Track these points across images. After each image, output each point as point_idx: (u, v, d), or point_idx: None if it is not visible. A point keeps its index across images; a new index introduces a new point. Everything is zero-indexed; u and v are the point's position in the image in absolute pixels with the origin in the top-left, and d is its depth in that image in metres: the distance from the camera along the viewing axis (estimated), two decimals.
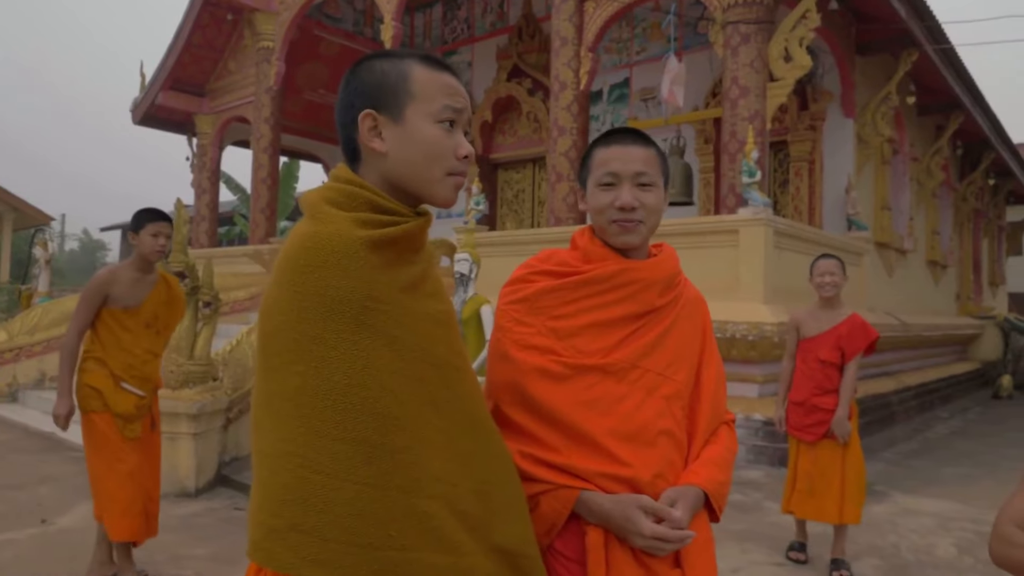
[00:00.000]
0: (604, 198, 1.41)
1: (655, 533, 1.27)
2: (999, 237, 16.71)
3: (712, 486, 1.38)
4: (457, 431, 1.10)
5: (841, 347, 3.69)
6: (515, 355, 1.38)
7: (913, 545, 4.07)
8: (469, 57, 12.03)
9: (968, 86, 10.32)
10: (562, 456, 1.33)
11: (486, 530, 1.09)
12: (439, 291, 1.18)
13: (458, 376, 1.13)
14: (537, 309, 1.41)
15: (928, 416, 8.87)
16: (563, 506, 1.31)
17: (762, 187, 6.71)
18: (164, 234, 3.24)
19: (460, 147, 1.17)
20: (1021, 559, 1.34)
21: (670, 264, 1.47)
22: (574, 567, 1.33)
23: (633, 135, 1.45)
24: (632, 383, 1.37)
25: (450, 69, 1.20)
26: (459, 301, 5.36)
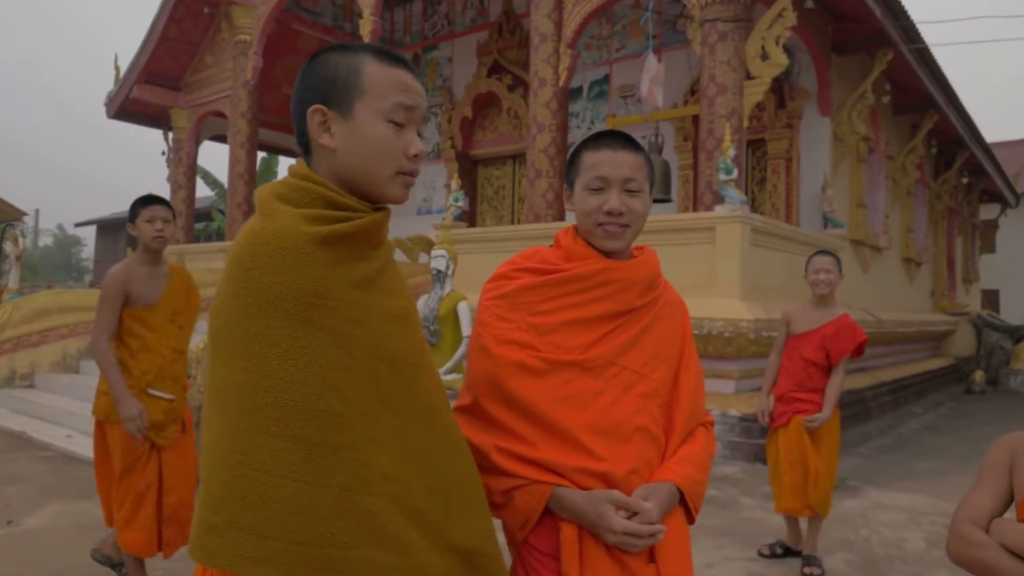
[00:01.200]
0: (592, 202, 1.43)
1: (626, 528, 1.28)
2: (973, 235, 16.96)
3: (687, 483, 1.40)
4: (412, 428, 1.09)
5: (825, 347, 3.68)
6: (494, 350, 1.39)
7: (884, 539, 4.12)
8: (449, 53, 11.98)
9: (942, 86, 10.44)
10: (538, 451, 1.34)
11: (441, 528, 1.09)
12: (398, 287, 1.17)
13: (415, 373, 1.12)
14: (518, 305, 1.43)
15: (902, 411, 8.99)
16: (537, 501, 1.33)
17: (739, 184, 6.75)
18: (160, 218, 3.03)
19: (411, 146, 1.15)
20: (979, 557, 1.36)
21: (650, 266, 1.50)
22: (549, 562, 1.34)
23: (622, 140, 1.47)
24: (609, 380, 1.39)
25: (406, 65, 1.18)
26: (436, 298, 5.34)
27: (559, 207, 7.82)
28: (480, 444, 1.36)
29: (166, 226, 3.06)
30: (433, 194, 12.08)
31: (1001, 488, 1.42)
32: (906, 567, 3.68)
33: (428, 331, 5.33)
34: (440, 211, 11.27)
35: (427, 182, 12.18)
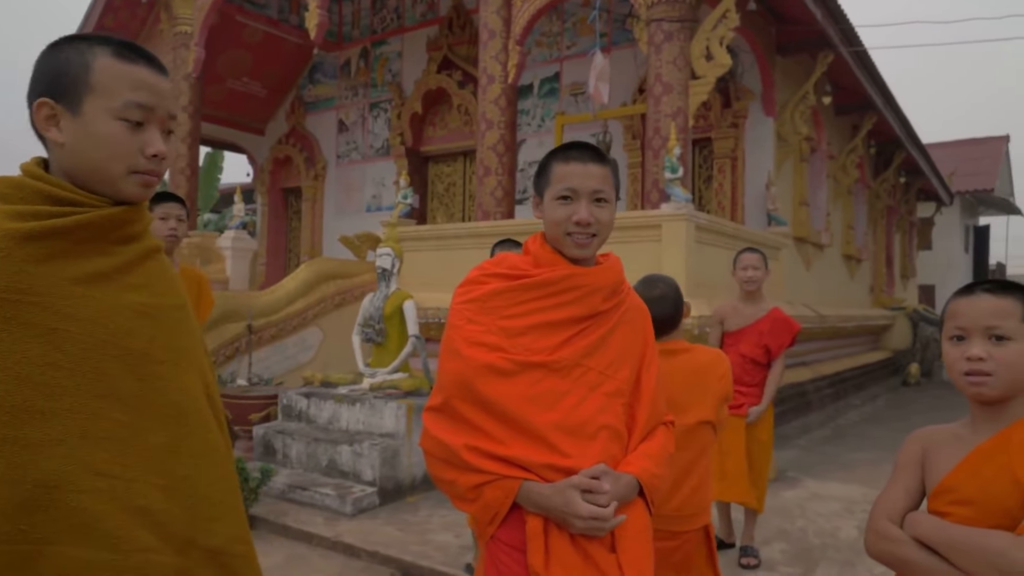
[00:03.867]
0: (562, 212, 1.51)
1: (592, 513, 1.35)
2: (910, 232, 17.57)
3: (645, 476, 1.48)
4: (148, 425, 1.07)
5: (764, 343, 3.76)
6: (465, 352, 1.47)
7: (819, 529, 4.23)
8: (399, 48, 11.85)
9: (880, 88, 10.78)
10: (506, 448, 1.41)
11: (180, 526, 1.08)
12: (151, 283, 1.15)
13: (160, 370, 1.11)
14: (488, 309, 1.50)
15: (841, 404, 9.27)
16: (506, 495, 1.40)
17: (685, 183, 6.85)
18: (174, 216, 2.95)
19: (149, 145, 1.12)
20: (895, 552, 1.39)
21: (614, 272, 1.59)
22: (516, 555, 1.41)
23: (591, 152, 1.55)
24: (575, 380, 1.47)
25: (148, 61, 1.14)
26: (381, 296, 5.28)
27: (508, 205, 7.82)
28: (451, 442, 1.43)
29: (180, 224, 2.99)
30: (382, 191, 11.95)
31: (914, 483, 1.46)
32: (839, 555, 3.79)
33: (373, 330, 5.26)
34: (390, 208, 11.14)
35: (376, 179, 12.05)
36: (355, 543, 3.90)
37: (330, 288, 8.09)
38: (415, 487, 4.84)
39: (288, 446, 5.12)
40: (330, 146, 12.74)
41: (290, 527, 4.19)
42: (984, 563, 1.25)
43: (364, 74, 12.31)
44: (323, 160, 12.77)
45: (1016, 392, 1.34)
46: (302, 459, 5.03)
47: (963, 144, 22.93)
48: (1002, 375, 1.31)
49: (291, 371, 7.44)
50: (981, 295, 1.36)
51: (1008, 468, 1.31)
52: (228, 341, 6.92)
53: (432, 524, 4.20)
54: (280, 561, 3.79)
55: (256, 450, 5.31)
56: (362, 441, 4.82)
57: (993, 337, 1.33)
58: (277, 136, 13.29)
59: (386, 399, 5.01)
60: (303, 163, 12.89)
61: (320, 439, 4.97)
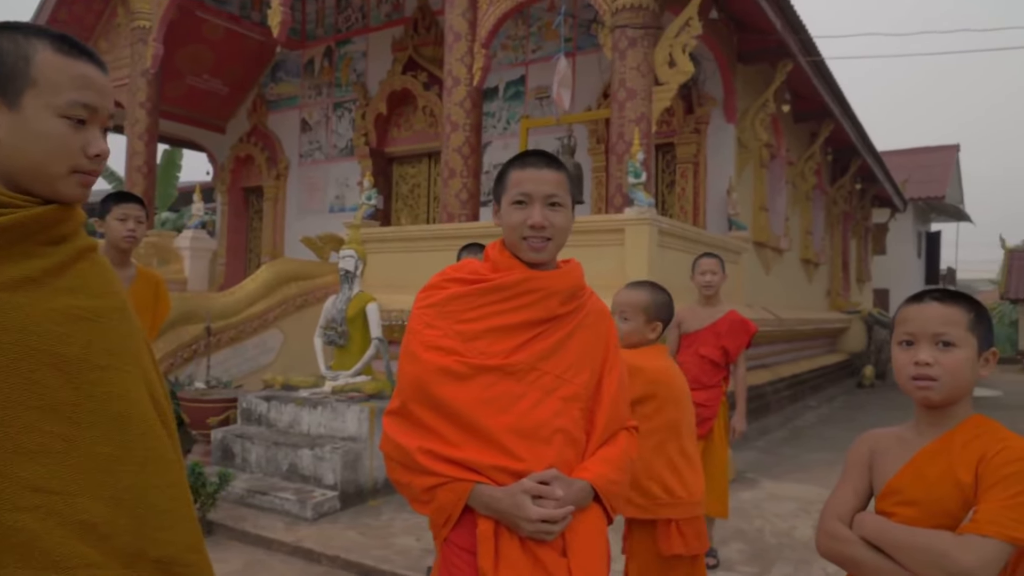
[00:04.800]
0: (517, 216, 1.53)
1: (541, 515, 1.37)
2: (865, 237, 18.02)
3: (601, 482, 1.48)
4: (90, 436, 1.03)
5: (722, 344, 3.83)
6: (422, 355, 1.49)
7: (776, 529, 4.32)
8: (363, 48, 11.76)
9: (837, 97, 11.05)
10: (460, 451, 1.43)
11: (127, 539, 1.04)
12: (86, 285, 1.10)
13: (99, 376, 1.05)
14: (446, 313, 1.52)
15: (799, 405, 9.47)
16: (458, 498, 1.42)
17: (648, 188, 6.93)
18: (133, 217, 2.89)
19: (91, 145, 1.07)
20: (844, 552, 1.43)
21: (572, 277, 1.60)
22: (467, 557, 1.42)
23: (546, 159, 1.57)
24: (531, 384, 1.48)
25: (91, 58, 1.09)
26: (344, 299, 5.23)
27: (473, 207, 7.82)
28: (406, 445, 1.45)
29: (139, 226, 2.92)
30: (346, 191, 11.84)
31: (862, 484, 1.50)
32: (794, 554, 3.88)
33: (336, 332, 5.22)
34: (353, 209, 11.04)
35: (340, 179, 11.93)
36: (315, 548, 3.86)
37: (292, 290, 7.99)
38: (377, 491, 4.81)
39: (247, 450, 5.04)
40: (293, 145, 12.58)
41: (249, 532, 4.12)
42: (928, 563, 1.29)
43: (328, 73, 12.18)
44: (285, 159, 12.61)
45: (958, 397, 1.39)
46: (262, 463, 4.96)
47: (916, 152, 23.64)
48: (946, 380, 1.36)
49: (251, 374, 7.33)
50: (930, 303, 1.41)
51: (950, 470, 1.36)
52: (186, 343, 6.78)
53: (394, 528, 4.17)
54: (239, 567, 3.73)
55: (214, 454, 5.22)
56: (324, 445, 4.77)
57: (940, 343, 1.37)
58: (238, 134, 13.07)
59: (348, 402, 4.97)
60: (265, 162, 12.71)
61: (280, 443, 4.91)
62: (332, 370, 5.30)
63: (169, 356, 6.60)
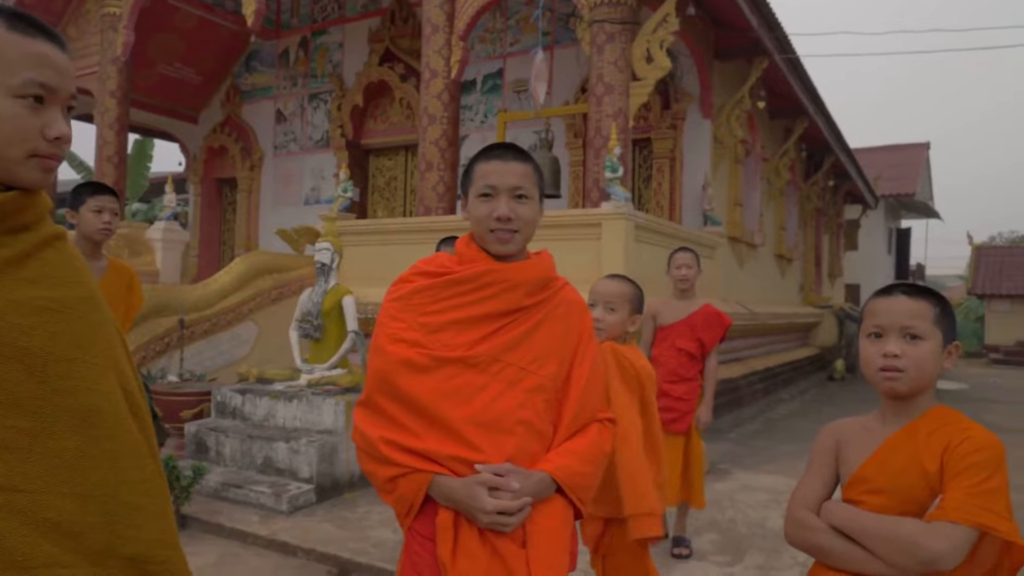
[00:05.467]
0: (483, 209, 1.54)
1: (496, 507, 1.38)
2: (838, 233, 18.29)
3: (563, 474, 1.48)
4: (57, 432, 0.99)
5: (698, 336, 3.87)
6: (387, 348, 1.50)
7: (748, 519, 4.39)
8: (340, 38, 11.65)
9: (811, 94, 11.18)
10: (420, 441, 1.44)
11: (97, 536, 1.01)
12: (51, 275, 1.05)
13: (66, 369, 1.01)
14: (411, 306, 1.53)
15: (772, 398, 9.61)
16: (418, 488, 1.44)
17: (625, 182, 6.97)
18: (109, 209, 2.84)
19: (50, 127, 1.03)
20: (812, 540, 1.47)
21: (540, 268, 1.59)
22: (429, 545, 1.45)
23: (512, 151, 1.57)
24: (494, 375, 1.49)
25: (49, 35, 1.04)
26: (320, 292, 5.20)
27: (450, 200, 7.80)
28: (371, 435, 1.48)
29: (114, 218, 2.88)
30: (322, 183, 11.73)
31: (828, 473, 1.54)
32: (766, 543, 3.94)
33: (312, 326, 5.18)
34: (329, 201, 10.95)
35: (316, 171, 11.83)
36: (291, 541, 3.85)
37: (266, 282, 7.92)
38: (353, 484, 4.80)
39: (222, 444, 5.00)
40: (267, 136, 12.44)
41: (224, 526, 4.09)
42: (895, 549, 1.33)
43: (303, 64, 12.05)
44: (260, 151, 12.46)
45: (924, 388, 1.43)
46: (236, 457, 4.92)
47: (887, 150, 24.03)
48: (913, 372, 1.40)
49: (225, 367, 7.25)
50: (899, 296, 1.44)
51: (916, 459, 1.40)
52: (159, 336, 6.69)
53: (370, 520, 4.17)
54: (213, 560, 3.71)
55: (188, 448, 5.17)
56: (299, 438, 4.74)
57: (908, 336, 1.41)
58: (211, 125, 12.88)
59: (324, 395, 4.94)
60: (239, 153, 12.54)
61: (255, 436, 4.87)
62: (308, 363, 5.27)
63: (141, 349, 6.51)
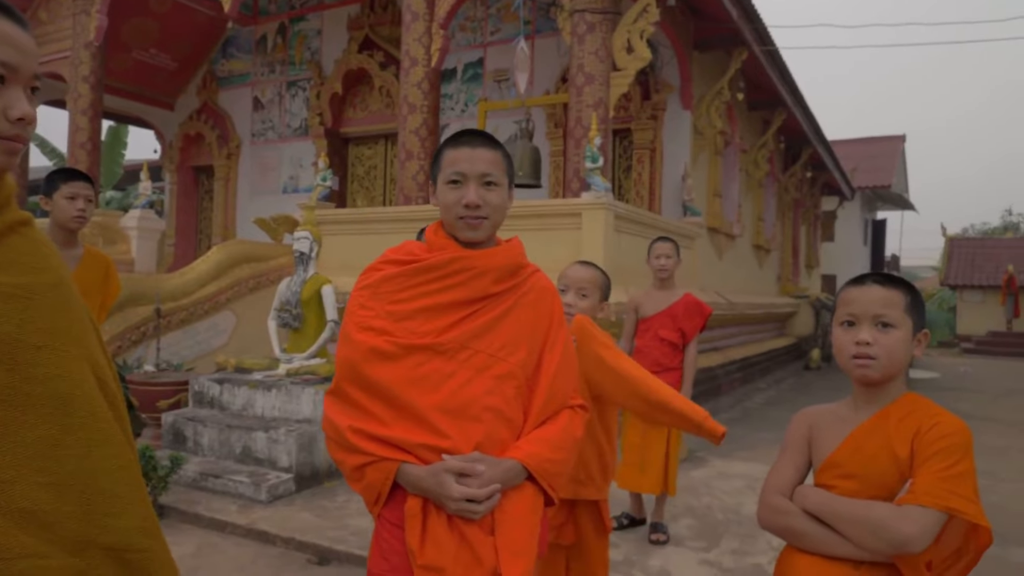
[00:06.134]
0: (452, 196, 1.53)
1: (463, 494, 1.38)
2: (815, 224, 18.50)
3: (534, 461, 1.48)
4: (30, 420, 0.98)
5: (679, 326, 3.91)
6: (355, 336, 1.50)
7: (724, 505, 4.46)
8: (318, 25, 11.52)
9: (790, 86, 11.27)
10: (388, 429, 1.44)
11: (73, 525, 1.00)
12: (17, 260, 1.03)
13: (36, 356, 0.99)
14: (379, 295, 1.53)
15: (749, 387, 9.73)
16: (386, 476, 1.44)
17: (605, 173, 6.98)
18: (83, 196, 2.77)
19: (12, 108, 1.00)
20: (785, 524, 1.50)
21: (508, 255, 1.58)
22: (398, 532, 1.45)
23: (481, 137, 1.57)
24: (462, 362, 1.49)
25: (7, 11, 1.02)
26: (299, 281, 5.17)
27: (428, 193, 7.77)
28: (339, 424, 1.48)
29: (88, 206, 2.81)
30: (300, 172, 11.62)
31: (802, 458, 1.57)
32: (741, 528, 4.01)
33: (290, 315, 5.15)
34: (307, 190, 10.86)
35: (294, 159, 11.71)
36: (270, 530, 3.84)
37: (244, 271, 7.84)
38: (332, 473, 4.79)
39: (200, 433, 4.96)
40: (245, 124, 12.28)
41: (202, 516, 4.07)
42: (867, 532, 1.36)
43: (281, 51, 11.90)
44: (237, 138, 12.30)
45: (894, 374, 1.47)
46: (214, 446, 4.89)
47: (864, 142, 24.32)
48: (884, 359, 1.43)
49: (202, 356, 7.19)
50: (871, 286, 1.47)
51: (887, 445, 1.43)
52: (135, 325, 6.61)
53: (350, 509, 4.17)
54: (192, 550, 3.69)
55: (165, 438, 5.13)
56: (278, 427, 4.72)
57: (880, 324, 1.44)
58: (187, 112, 12.70)
59: (303, 385, 4.92)
60: (216, 141, 12.38)
61: (234, 426, 4.84)
62: (286, 352, 5.25)
63: (117, 338, 6.43)
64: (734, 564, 3.56)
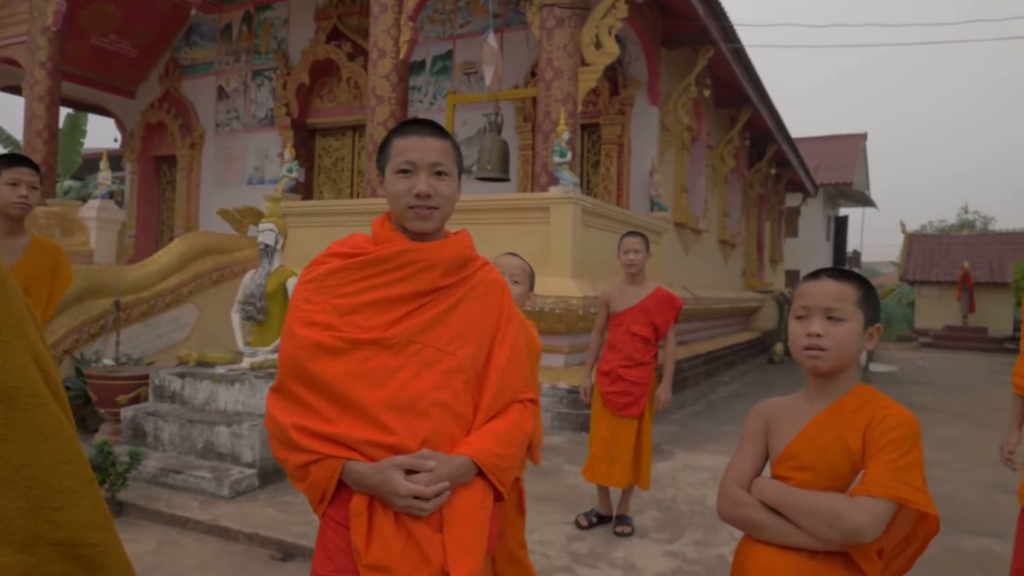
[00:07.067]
0: (402, 185, 1.50)
1: (410, 491, 1.36)
2: (779, 220, 18.81)
3: (484, 457, 1.45)
4: None
5: (652, 321, 3.92)
6: (298, 331, 1.46)
7: (688, 497, 4.52)
8: (285, 14, 11.34)
9: (755, 84, 11.42)
10: (333, 426, 1.41)
11: (22, 522, 0.98)
12: None
13: None
14: (324, 288, 1.49)
15: (714, 380, 9.87)
16: (330, 475, 1.40)
17: (574, 167, 7.01)
18: (26, 182, 2.68)
19: None
20: (743, 515, 1.53)
21: (457, 247, 1.55)
22: (342, 531, 1.42)
23: (430, 127, 1.53)
24: (409, 357, 1.46)
25: None
26: (263, 273, 5.10)
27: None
28: (282, 421, 1.43)
29: (32, 192, 2.72)
30: (266, 163, 11.45)
31: (759, 450, 1.60)
32: (704, 520, 4.07)
33: (255, 308, 5.08)
34: (273, 181, 10.72)
35: (259, 150, 11.54)
36: (233, 526, 3.79)
37: (208, 263, 7.71)
38: None
39: (160, 428, 4.87)
40: (208, 113, 12.06)
41: (163, 512, 4.00)
42: (821, 523, 1.39)
43: (247, 39, 11.70)
44: (201, 128, 12.07)
45: (844, 366, 1.50)
46: (176, 442, 4.81)
47: (827, 140, 24.76)
48: (834, 351, 1.47)
49: (164, 350, 7.06)
50: (824, 280, 1.51)
51: (840, 436, 1.46)
52: (93, 318, 6.46)
53: None
54: (152, 547, 3.63)
55: (124, 433, 5.02)
56: (241, 422, 4.66)
57: (830, 317, 1.48)
58: (149, 100, 12.42)
59: (267, 379, 4.86)
60: (178, 130, 12.13)
61: (196, 421, 4.76)
62: (250, 346, 5.17)
63: (74, 331, 6.28)
64: (697, 555, 3.62)
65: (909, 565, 1.53)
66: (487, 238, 6.38)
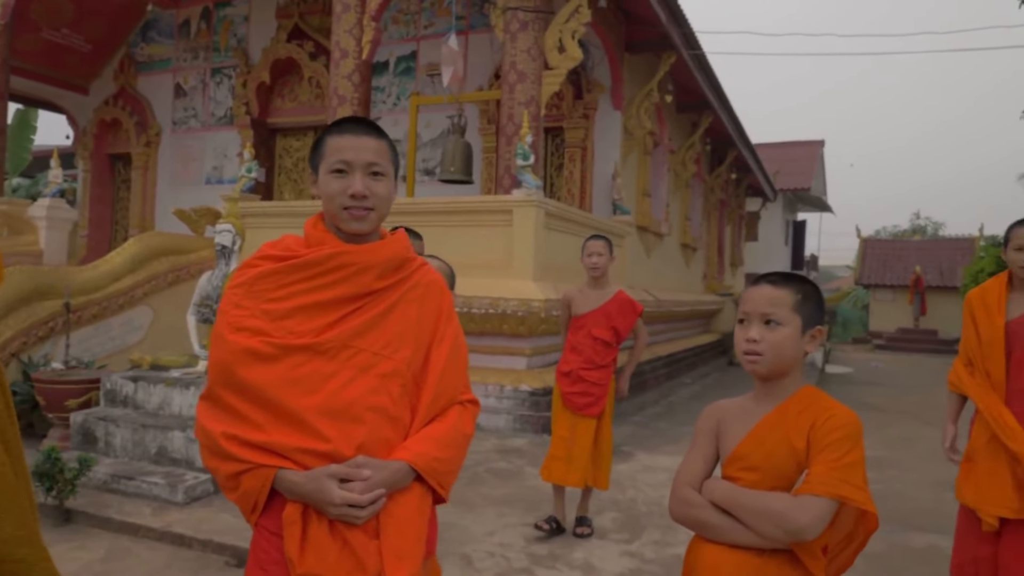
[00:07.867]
0: (336, 185, 1.46)
1: (344, 499, 1.33)
2: (739, 224, 19.14)
3: (422, 461, 1.43)
4: None
5: (612, 324, 3.95)
6: (228, 337, 1.41)
7: (648, 498, 4.57)
8: (245, 11, 11.17)
9: (716, 90, 11.61)
10: (264, 434, 1.37)
11: None
12: None
13: None
14: (254, 293, 1.44)
15: (675, 382, 9.99)
16: (262, 484, 1.37)
17: (536, 170, 7.04)
18: None
19: None
20: (694, 516, 1.55)
21: (392, 249, 1.52)
22: (276, 540, 1.38)
23: (366, 125, 1.50)
24: (344, 362, 1.43)
25: None
26: (220, 275, 5.02)
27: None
28: (212, 430, 1.39)
29: None
30: (224, 163, 11.26)
31: (710, 451, 1.63)
32: (663, 520, 4.12)
33: (211, 310, 4.99)
34: (232, 181, 10.53)
35: (218, 149, 11.33)
36: (186, 532, 3.71)
37: (163, 265, 7.54)
38: None
39: (112, 433, 4.75)
40: (165, 111, 11.80)
41: (113, 519, 3.90)
42: (768, 522, 1.43)
43: (206, 36, 11.49)
44: (157, 126, 11.81)
45: (784, 370, 1.54)
46: (128, 447, 4.69)
47: (786, 146, 25.28)
48: (770, 355, 1.51)
49: (116, 353, 6.88)
50: (763, 286, 1.55)
51: (786, 437, 1.50)
52: (42, 320, 6.26)
53: None
54: (101, 555, 3.53)
55: (74, 439, 4.88)
56: None
57: (767, 322, 1.51)
58: (103, 96, 12.11)
59: None
60: (133, 128, 11.85)
61: (149, 425, 4.65)
62: (206, 349, 5.07)
63: (22, 334, 6.08)
64: (655, 555, 3.66)
65: (851, 560, 1.57)
66: (449, 241, 6.37)
